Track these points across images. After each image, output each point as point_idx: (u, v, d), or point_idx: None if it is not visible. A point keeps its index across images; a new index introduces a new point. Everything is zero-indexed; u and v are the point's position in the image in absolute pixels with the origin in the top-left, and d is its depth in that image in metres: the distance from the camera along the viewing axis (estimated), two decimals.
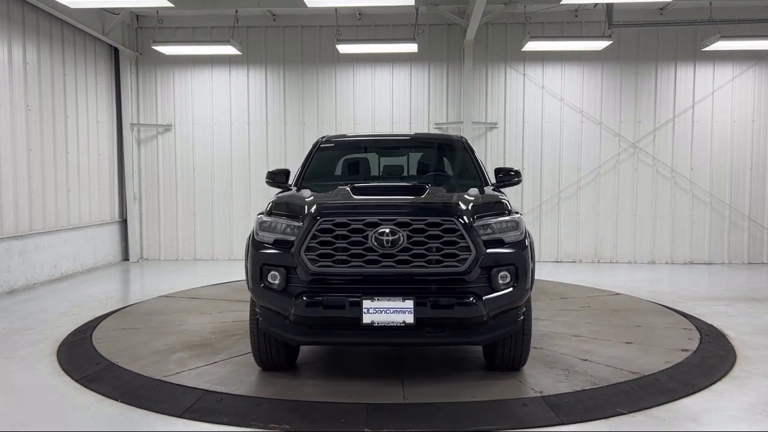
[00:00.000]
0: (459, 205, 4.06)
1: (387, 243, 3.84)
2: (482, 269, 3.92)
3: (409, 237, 3.87)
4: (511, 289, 3.99)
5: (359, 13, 10.26)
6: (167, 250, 11.07)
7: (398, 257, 3.87)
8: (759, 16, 9.63)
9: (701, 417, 3.79)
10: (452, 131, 10.52)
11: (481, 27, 9.97)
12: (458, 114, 10.57)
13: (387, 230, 3.85)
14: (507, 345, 4.35)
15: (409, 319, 3.79)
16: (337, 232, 3.90)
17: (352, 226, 3.89)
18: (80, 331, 5.82)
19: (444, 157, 5.87)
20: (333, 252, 3.90)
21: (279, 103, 10.85)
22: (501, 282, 3.97)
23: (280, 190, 5.19)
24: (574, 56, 10.48)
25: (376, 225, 3.87)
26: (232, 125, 10.91)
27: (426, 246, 3.87)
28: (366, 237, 3.86)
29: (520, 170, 6.10)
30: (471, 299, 3.85)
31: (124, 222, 10.94)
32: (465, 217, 3.94)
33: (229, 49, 9.78)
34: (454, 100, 10.65)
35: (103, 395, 4.14)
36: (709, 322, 6.16)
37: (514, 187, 5.63)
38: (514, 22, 10.37)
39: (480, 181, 5.28)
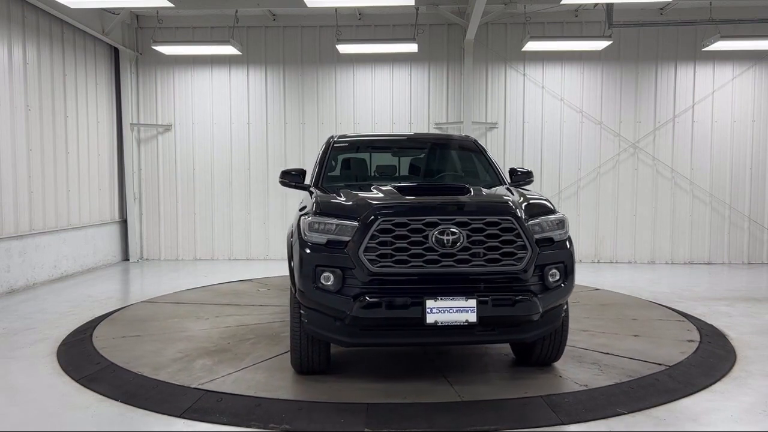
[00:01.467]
0: (514, 204, 4.13)
1: (447, 242, 3.85)
2: (536, 267, 4.00)
3: (468, 236, 3.89)
4: (561, 286, 4.12)
5: (359, 13, 10.26)
6: (167, 250, 11.07)
7: (458, 256, 3.88)
8: (759, 16, 9.63)
9: (701, 417, 3.79)
10: (452, 131, 10.53)
11: (481, 27, 9.97)
12: (458, 114, 10.57)
13: (448, 230, 3.86)
14: (547, 341, 4.44)
15: (472, 317, 3.81)
16: (396, 233, 3.87)
17: (412, 226, 3.88)
18: (80, 331, 5.82)
19: (460, 157, 5.93)
20: (393, 252, 3.86)
21: (279, 103, 10.85)
22: (551, 280, 4.07)
23: (309, 190, 5.04)
24: (574, 56, 10.48)
25: (435, 225, 3.88)
26: (232, 125, 10.92)
27: (485, 245, 3.91)
28: (426, 237, 3.86)
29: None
30: (530, 297, 3.92)
31: (124, 222, 10.94)
32: (521, 216, 4.02)
33: (229, 49, 9.78)
34: (454, 100, 10.65)
35: (103, 395, 4.14)
36: (709, 322, 6.17)
37: None
38: (514, 22, 10.37)
39: (498, 181, 5.37)
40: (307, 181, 5.44)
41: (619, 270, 9.87)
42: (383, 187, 4.59)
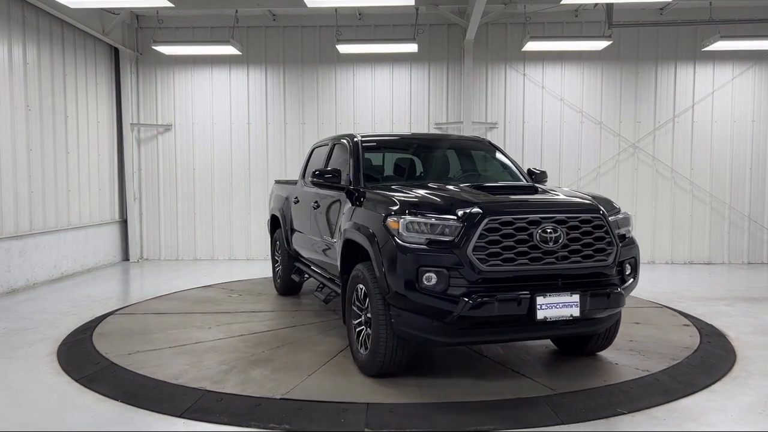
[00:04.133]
0: (599, 203, 4.33)
1: (550, 240, 3.96)
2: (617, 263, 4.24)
3: (566, 234, 4.03)
4: (632, 279, 4.40)
5: (359, 13, 10.26)
6: (167, 250, 11.07)
7: (558, 253, 4.00)
8: (759, 16, 9.63)
9: (701, 417, 3.79)
10: (452, 131, 10.53)
11: (481, 27, 9.97)
12: (458, 114, 10.57)
13: (550, 228, 3.98)
14: (605, 331, 4.66)
15: (576, 312, 3.97)
16: (503, 231, 3.92)
17: (517, 225, 3.95)
18: (80, 331, 5.82)
19: (485, 158, 6.03)
20: (501, 251, 3.90)
21: (279, 103, 10.85)
22: (627, 274, 4.34)
23: (350, 190, 5.03)
24: (574, 56, 10.48)
25: (538, 223, 3.97)
26: (232, 125, 10.92)
27: (580, 242, 4.06)
28: (530, 235, 3.94)
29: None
30: (619, 290, 4.14)
31: (124, 222, 10.94)
32: (607, 214, 4.22)
33: (229, 49, 9.78)
34: (454, 100, 10.65)
35: (103, 395, 4.14)
36: (709, 322, 6.17)
37: None
38: (514, 22, 10.37)
39: (524, 180, 5.60)
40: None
41: None
42: (463, 186, 4.69)
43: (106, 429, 3.65)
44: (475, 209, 3.97)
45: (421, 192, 4.53)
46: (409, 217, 4.04)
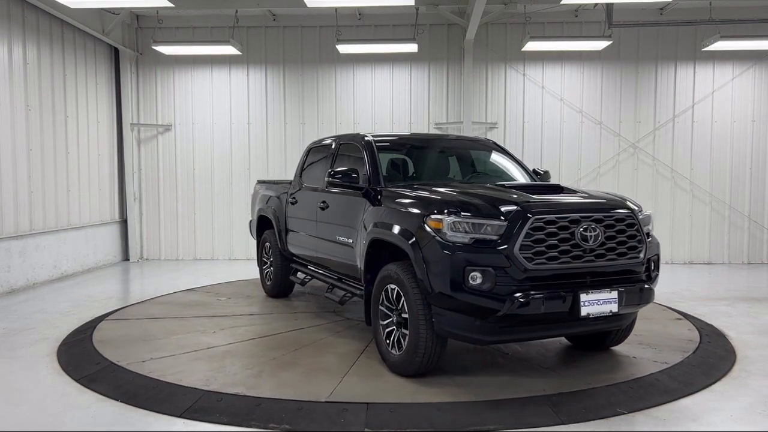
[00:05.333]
0: (628, 201, 4.49)
1: (590, 239, 4.06)
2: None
3: (603, 232, 4.13)
4: (657, 275, 4.53)
5: (359, 13, 10.26)
6: (167, 250, 11.08)
7: (596, 251, 4.10)
8: (759, 16, 9.63)
9: (701, 417, 3.79)
10: (452, 131, 10.53)
11: (481, 27, 9.97)
12: (458, 114, 10.57)
13: (590, 226, 4.07)
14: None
15: (615, 308, 4.09)
16: (547, 230, 3.99)
17: (560, 224, 4.02)
18: (80, 331, 5.82)
19: (494, 158, 6.08)
20: (545, 249, 3.96)
21: (279, 103, 10.85)
22: (652, 269, 4.45)
23: (370, 190, 5.04)
24: (574, 56, 10.48)
25: (577, 222, 4.06)
26: (232, 125, 10.92)
27: (615, 240, 4.18)
28: (572, 234, 4.02)
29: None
30: (650, 286, 4.32)
31: (124, 222, 10.94)
32: (637, 213, 4.35)
33: (229, 49, 9.78)
34: (454, 100, 10.65)
35: (103, 395, 4.14)
36: (709, 322, 6.17)
37: None
38: (514, 22, 10.37)
39: (532, 180, 5.73)
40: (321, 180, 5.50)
41: None
42: (495, 186, 4.83)
43: (106, 429, 3.65)
44: (521, 208, 4.02)
45: (454, 191, 4.56)
46: (453, 217, 4.04)
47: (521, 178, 5.70)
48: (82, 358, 4.96)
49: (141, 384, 4.32)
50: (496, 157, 6.07)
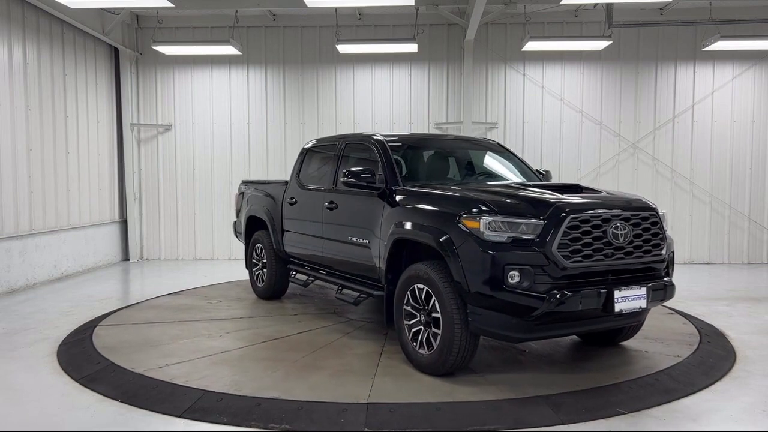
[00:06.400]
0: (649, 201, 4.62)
1: (621, 237, 4.17)
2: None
3: (632, 230, 4.25)
4: (672, 271, 4.64)
5: (359, 13, 10.26)
6: (167, 250, 11.08)
7: (625, 249, 4.20)
8: (759, 16, 9.64)
9: (701, 417, 3.79)
10: (452, 131, 10.53)
11: (481, 27, 9.97)
12: (458, 114, 10.57)
13: (620, 225, 4.19)
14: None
15: (643, 304, 4.21)
16: (582, 229, 4.07)
17: (593, 223, 4.11)
18: (80, 331, 5.82)
19: (502, 159, 6.11)
20: (581, 247, 4.04)
21: (279, 103, 10.86)
22: (669, 266, 4.59)
23: (388, 190, 5.03)
24: (574, 56, 10.48)
25: (608, 221, 4.16)
26: (232, 125, 10.92)
27: (642, 237, 4.29)
28: (604, 232, 4.12)
29: None
30: (672, 282, 4.48)
31: (124, 222, 10.94)
32: (658, 211, 4.49)
33: (229, 49, 9.78)
34: (454, 100, 10.65)
35: (103, 395, 4.14)
36: (709, 322, 6.17)
37: None
38: (514, 22, 10.37)
39: (539, 180, 5.78)
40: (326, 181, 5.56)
41: None
42: (519, 185, 4.92)
43: (106, 429, 3.65)
44: (557, 208, 4.08)
45: (483, 190, 4.62)
46: (491, 216, 4.08)
47: (530, 179, 5.72)
48: (82, 358, 4.96)
49: (141, 384, 4.31)
50: (503, 159, 6.10)
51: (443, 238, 4.22)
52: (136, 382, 4.35)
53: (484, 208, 4.14)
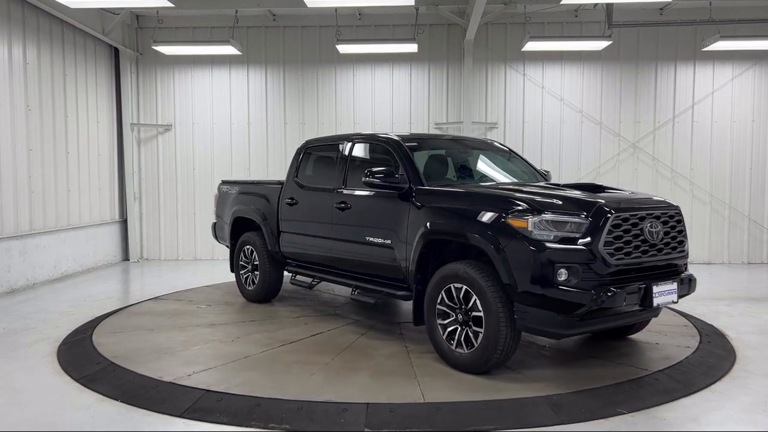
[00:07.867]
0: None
1: (656, 234, 4.38)
2: None
3: (662, 228, 4.46)
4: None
5: (359, 13, 10.26)
6: (167, 250, 11.08)
7: (658, 246, 4.40)
8: (759, 16, 9.63)
9: (701, 417, 3.79)
10: (452, 131, 10.53)
11: (481, 27, 9.97)
12: (458, 114, 10.57)
13: (654, 223, 4.39)
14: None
15: (675, 298, 4.45)
16: (623, 227, 4.22)
17: (632, 221, 4.27)
18: (80, 330, 5.82)
19: (508, 159, 6.21)
20: (623, 245, 4.19)
21: (279, 103, 10.86)
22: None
23: (411, 189, 5.04)
24: (574, 56, 10.48)
25: (644, 219, 4.35)
26: (232, 125, 10.92)
27: (670, 235, 4.52)
28: (641, 230, 4.30)
29: None
30: (695, 277, 4.71)
31: (124, 222, 10.94)
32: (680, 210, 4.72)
33: (229, 49, 9.78)
34: (454, 100, 10.65)
35: (103, 395, 4.14)
36: (709, 322, 6.17)
37: None
38: (514, 22, 10.37)
39: (544, 180, 5.94)
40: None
41: None
42: (553, 185, 5.09)
43: (106, 429, 3.65)
44: (600, 206, 4.20)
45: (520, 190, 4.69)
46: (539, 216, 4.15)
47: (539, 180, 5.78)
48: (82, 358, 4.96)
49: (141, 384, 4.32)
50: (512, 161, 6.14)
51: (489, 239, 4.29)
52: (136, 382, 4.35)
53: (530, 208, 4.21)
